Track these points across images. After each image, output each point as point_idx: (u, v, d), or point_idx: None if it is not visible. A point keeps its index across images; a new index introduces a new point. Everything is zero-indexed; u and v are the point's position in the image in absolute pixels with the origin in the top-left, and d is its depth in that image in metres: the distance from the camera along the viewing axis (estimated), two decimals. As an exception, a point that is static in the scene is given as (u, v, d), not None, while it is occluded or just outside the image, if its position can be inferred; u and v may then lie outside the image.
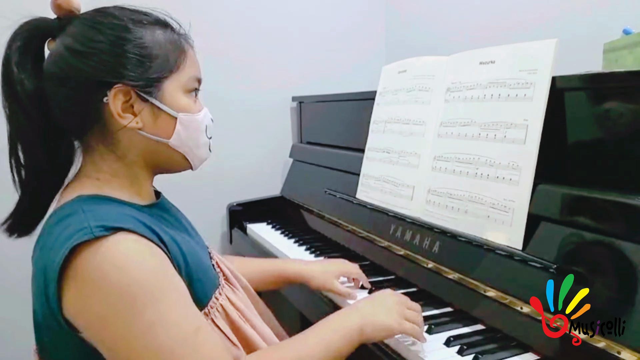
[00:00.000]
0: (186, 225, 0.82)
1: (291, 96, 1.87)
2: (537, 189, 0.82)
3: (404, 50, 1.90)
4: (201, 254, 0.78)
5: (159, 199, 0.80)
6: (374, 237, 1.20)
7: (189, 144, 0.75)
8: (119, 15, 0.71)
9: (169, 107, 0.72)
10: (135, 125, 0.70)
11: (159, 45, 0.71)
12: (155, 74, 0.70)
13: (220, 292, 0.78)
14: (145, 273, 0.62)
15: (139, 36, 0.70)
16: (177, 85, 0.73)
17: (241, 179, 1.80)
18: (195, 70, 0.76)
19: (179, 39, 0.75)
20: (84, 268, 0.60)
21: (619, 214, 0.70)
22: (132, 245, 0.63)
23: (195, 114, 0.75)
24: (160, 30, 0.72)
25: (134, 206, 0.71)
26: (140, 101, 0.70)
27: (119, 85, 0.68)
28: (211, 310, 0.73)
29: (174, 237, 0.71)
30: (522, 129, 0.85)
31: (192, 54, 0.76)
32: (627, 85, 0.75)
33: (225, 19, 1.73)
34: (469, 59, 1.01)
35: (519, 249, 0.82)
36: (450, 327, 0.86)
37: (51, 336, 0.66)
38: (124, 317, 0.60)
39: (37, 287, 0.65)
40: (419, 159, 1.09)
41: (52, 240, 0.64)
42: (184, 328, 0.63)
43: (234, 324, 0.76)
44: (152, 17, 0.73)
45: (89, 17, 0.71)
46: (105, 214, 0.64)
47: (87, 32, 0.69)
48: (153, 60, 0.70)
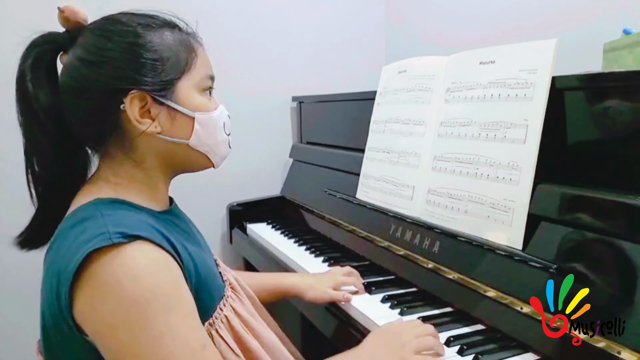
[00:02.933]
0: (196, 234, 0.82)
1: (291, 96, 1.87)
2: (537, 189, 0.82)
3: (404, 50, 1.90)
4: (210, 264, 0.78)
5: (171, 204, 0.80)
6: (374, 237, 1.20)
7: (209, 142, 0.75)
8: (127, 21, 0.71)
9: (185, 108, 0.72)
10: (154, 129, 0.70)
11: (169, 47, 0.71)
12: (168, 75, 0.70)
13: (225, 302, 0.77)
14: (159, 283, 0.62)
15: (148, 40, 0.70)
16: (190, 85, 0.73)
17: (241, 179, 1.80)
18: (207, 69, 0.76)
19: (188, 38, 0.75)
20: (99, 274, 0.60)
21: (619, 213, 0.70)
22: (149, 255, 0.63)
23: (211, 112, 0.75)
24: (168, 32, 0.72)
25: (150, 212, 0.71)
26: (157, 105, 0.70)
27: (134, 91, 0.68)
28: (215, 321, 0.73)
29: (186, 246, 0.71)
30: (522, 129, 0.85)
31: (203, 53, 0.76)
32: (627, 85, 0.75)
33: (225, 19, 1.73)
34: (469, 59, 1.01)
35: (519, 249, 0.82)
36: (450, 327, 0.86)
37: (59, 338, 0.65)
38: (134, 325, 0.60)
39: (48, 289, 0.65)
40: (419, 159, 1.09)
41: (69, 243, 0.63)
42: (191, 343, 0.63)
43: (237, 335, 0.76)
44: (160, 20, 0.73)
45: (97, 27, 0.71)
46: (124, 220, 0.64)
47: (97, 41, 0.69)
48: (165, 62, 0.70)
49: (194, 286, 0.69)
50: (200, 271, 0.72)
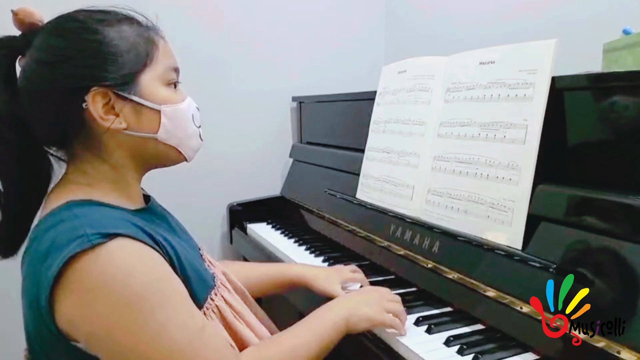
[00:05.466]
0: (175, 228, 0.81)
1: (291, 96, 1.87)
2: (537, 189, 0.82)
3: (404, 50, 1.90)
4: (193, 256, 0.78)
5: (148, 203, 0.79)
6: (373, 237, 1.20)
7: (178, 135, 0.74)
8: (82, 18, 0.69)
9: (150, 101, 0.71)
10: (119, 125, 0.69)
11: (127, 40, 0.70)
12: (129, 69, 0.69)
13: (216, 292, 0.77)
14: (148, 277, 0.62)
15: (105, 35, 0.68)
16: (153, 77, 0.72)
17: (241, 179, 1.80)
18: (170, 61, 0.75)
19: (147, 31, 0.73)
20: (84, 277, 0.59)
21: (619, 214, 0.70)
22: (132, 250, 0.62)
23: (178, 104, 0.74)
24: (126, 26, 0.71)
25: (125, 210, 0.70)
26: (120, 100, 0.69)
27: (95, 88, 0.67)
28: (207, 311, 0.73)
29: (169, 240, 0.70)
30: (521, 129, 0.85)
31: (164, 45, 0.75)
32: (626, 85, 0.75)
33: (225, 18, 1.72)
34: (469, 59, 1.01)
35: (518, 249, 0.82)
36: (450, 327, 0.86)
37: (43, 345, 0.65)
38: (133, 322, 0.60)
39: (28, 297, 0.64)
40: (418, 159, 1.09)
41: (45, 247, 0.62)
42: (190, 328, 0.63)
43: (229, 325, 0.76)
44: (117, 15, 0.72)
45: (52, 26, 0.70)
46: (100, 220, 0.63)
47: (52, 41, 0.68)
48: (124, 56, 0.69)
49: (180, 277, 0.69)
50: (185, 264, 0.71)
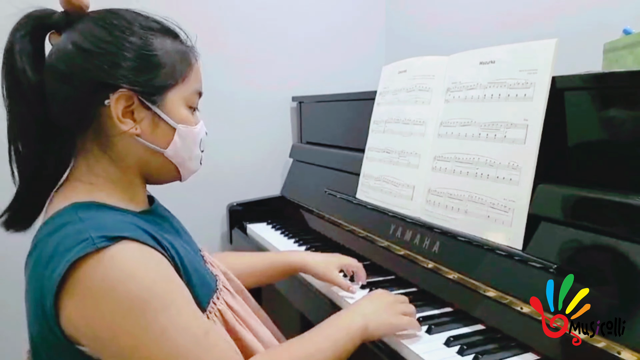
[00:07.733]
0: (179, 230, 0.81)
1: (291, 96, 1.87)
2: (537, 189, 0.82)
3: (404, 50, 1.90)
4: (196, 259, 0.78)
5: (152, 204, 0.79)
6: (373, 237, 1.20)
7: (183, 156, 0.74)
8: (132, 20, 0.70)
9: (170, 118, 0.71)
10: (133, 131, 0.69)
11: (167, 55, 0.70)
12: (161, 82, 0.70)
13: (218, 296, 0.77)
14: (152, 280, 0.61)
15: (149, 43, 0.69)
16: (180, 96, 0.72)
17: (241, 179, 1.80)
18: (198, 85, 0.76)
19: (187, 50, 0.74)
20: (88, 281, 0.59)
21: (619, 214, 0.70)
22: (136, 253, 0.62)
23: (193, 127, 0.75)
24: (169, 40, 0.72)
25: (130, 213, 0.70)
26: (142, 108, 0.69)
27: (124, 90, 0.67)
28: (209, 315, 0.73)
29: (173, 243, 0.70)
30: (522, 128, 0.85)
31: (198, 68, 0.76)
32: (627, 85, 0.75)
33: (225, 18, 1.73)
34: (469, 59, 1.01)
35: (519, 249, 0.82)
36: (450, 327, 0.86)
37: (47, 349, 0.64)
38: (136, 325, 0.59)
39: (32, 300, 0.63)
40: (419, 159, 1.09)
41: (50, 251, 0.61)
42: (195, 331, 0.63)
43: (232, 329, 0.76)
44: (163, 26, 0.73)
45: (100, 17, 0.69)
46: (105, 223, 0.63)
47: (97, 31, 0.67)
48: (160, 68, 0.69)
49: (184, 280, 0.69)
50: (189, 268, 0.71)
